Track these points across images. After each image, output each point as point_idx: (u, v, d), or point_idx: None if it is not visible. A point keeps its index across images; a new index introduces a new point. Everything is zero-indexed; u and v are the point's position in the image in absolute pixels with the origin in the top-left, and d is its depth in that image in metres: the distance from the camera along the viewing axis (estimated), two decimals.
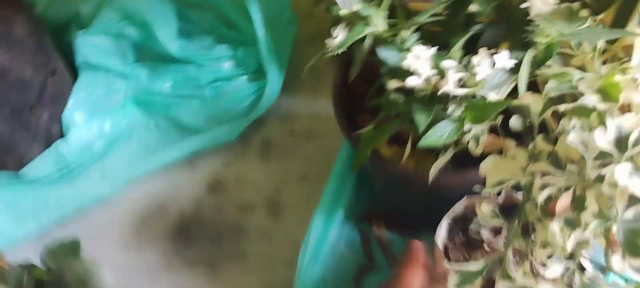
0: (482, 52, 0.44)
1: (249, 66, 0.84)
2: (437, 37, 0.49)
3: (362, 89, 0.61)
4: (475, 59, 0.43)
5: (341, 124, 0.62)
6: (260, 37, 0.80)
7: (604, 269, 0.35)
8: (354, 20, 0.48)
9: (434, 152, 0.54)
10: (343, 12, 0.48)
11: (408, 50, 0.47)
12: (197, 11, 0.87)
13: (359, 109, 0.63)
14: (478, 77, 0.43)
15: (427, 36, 0.50)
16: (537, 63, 0.44)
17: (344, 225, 0.73)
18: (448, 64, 0.44)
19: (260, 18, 0.79)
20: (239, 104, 0.84)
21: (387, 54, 0.48)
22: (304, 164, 0.82)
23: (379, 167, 0.61)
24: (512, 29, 0.46)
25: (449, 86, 0.43)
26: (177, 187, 0.82)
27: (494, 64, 0.44)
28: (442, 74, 0.44)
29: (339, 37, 0.48)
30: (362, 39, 0.49)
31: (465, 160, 0.51)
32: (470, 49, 0.49)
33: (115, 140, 0.84)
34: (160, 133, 0.85)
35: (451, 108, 0.45)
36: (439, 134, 0.45)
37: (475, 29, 0.48)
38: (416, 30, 0.50)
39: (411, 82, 0.44)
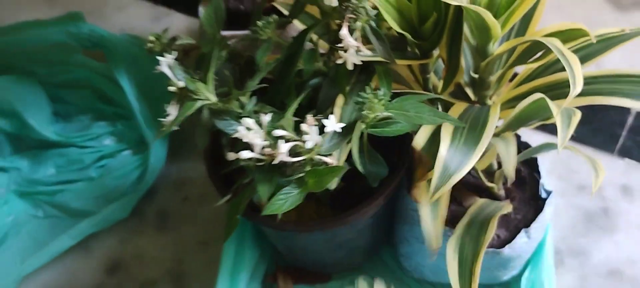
0: (310, 119, 0.44)
1: (130, 139, 0.83)
2: (274, 98, 0.49)
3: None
4: (304, 126, 0.44)
5: (217, 189, 0.62)
6: (136, 108, 0.79)
7: None
8: (184, 95, 0.47)
9: (313, 198, 0.54)
10: (171, 88, 0.47)
11: (248, 116, 0.47)
12: (70, 91, 0.85)
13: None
14: (308, 145, 0.43)
15: (267, 99, 0.50)
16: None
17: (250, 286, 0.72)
18: (277, 133, 0.44)
19: (133, 91, 0.78)
20: (126, 179, 0.82)
21: (223, 124, 0.48)
22: (202, 229, 0.81)
23: (261, 225, 0.60)
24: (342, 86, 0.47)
25: (283, 155, 0.43)
26: (74, 275, 0.79)
27: (323, 129, 0.44)
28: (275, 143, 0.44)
29: (172, 113, 0.47)
30: (200, 111, 0.49)
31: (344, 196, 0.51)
32: (312, 106, 0.49)
33: (2, 239, 0.80)
34: (49, 222, 0.82)
35: (293, 174, 0.45)
36: (282, 201, 0.45)
37: (307, 89, 0.48)
38: (253, 95, 0.50)
39: (244, 155, 0.44)
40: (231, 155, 0.46)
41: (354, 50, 0.45)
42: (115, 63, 0.80)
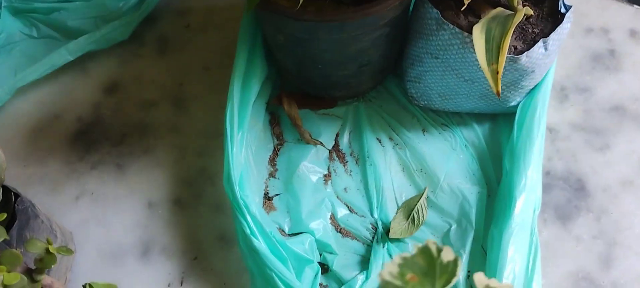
0: None
1: None
2: None
3: None
4: None
5: None
6: None
7: None
8: None
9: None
10: None
11: None
12: None
13: None
14: None
15: None
16: None
17: (258, 109, 0.71)
18: None
19: None
20: (126, 1, 0.79)
21: None
22: (204, 56, 0.79)
23: (281, 15, 0.58)
24: None
25: None
26: (71, 93, 0.77)
27: None
28: None
29: None
30: None
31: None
32: None
33: None
34: (45, 41, 0.79)
35: None
36: None
37: None
38: None
39: None
40: None
41: None
42: None
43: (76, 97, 0.77)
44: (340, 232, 0.66)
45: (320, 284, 0.64)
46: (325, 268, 0.65)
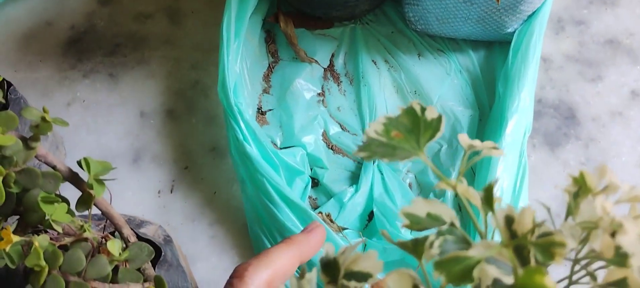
0: None
1: None
2: None
3: None
4: None
5: None
6: None
7: None
8: None
9: None
10: None
11: None
12: None
13: None
14: None
15: None
16: None
17: (254, 25, 0.71)
18: None
19: None
20: None
21: None
22: None
23: None
24: None
25: None
26: (63, 1, 0.76)
27: None
28: None
29: None
30: None
31: None
32: None
33: None
34: None
35: None
36: None
37: None
38: None
39: None
40: None
41: None
42: None
43: (69, 5, 0.75)
44: (331, 148, 0.67)
45: (310, 197, 0.64)
46: (315, 182, 0.65)
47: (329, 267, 0.31)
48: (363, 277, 0.29)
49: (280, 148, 0.66)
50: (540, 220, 0.25)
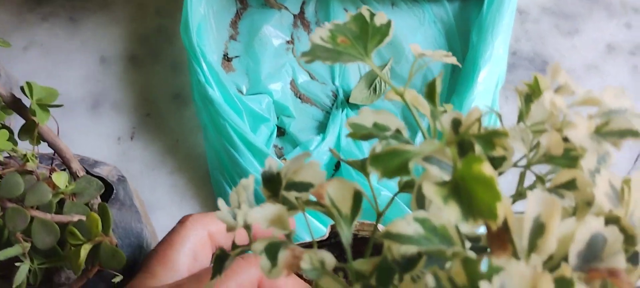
0: None
1: None
2: None
3: None
4: None
5: None
6: None
7: None
8: None
9: None
10: None
11: None
12: None
13: None
14: None
15: None
16: None
17: None
18: None
19: None
20: None
21: None
22: None
23: None
24: None
25: None
26: None
27: None
28: None
29: None
30: None
31: None
32: None
33: None
34: None
35: None
36: None
37: None
38: None
39: None
40: None
41: None
42: None
43: None
44: (299, 97, 0.65)
45: (276, 145, 0.62)
46: (281, 131, 0.63)
47: (271, 181, 0.29)
48: (304, 187, 0.27)
49: (246, 96, 0.64)
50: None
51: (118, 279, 0.40)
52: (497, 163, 0.25)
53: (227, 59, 0.66)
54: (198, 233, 0.43)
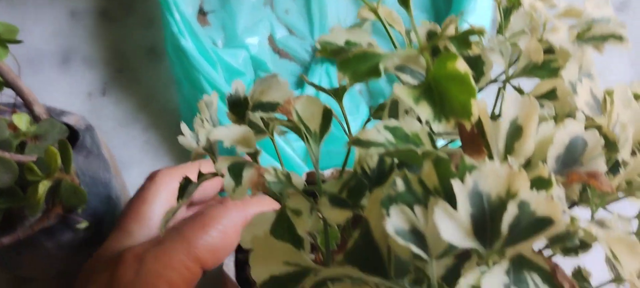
0: None
1: None
2: None
3: None
4: None
5: None
6: None
7: None
8: None
9: None
10: None
11: None
12: None
13: None
14: None
15: None
16: None
17: None
18: None
19: None
20: None
21: None
22: None
23: None
24: None
25: None
26: None
27: None
28: None
29: None
30: None
31: None
32: None
33: None
34: None
35: None
36: None
37: None
38: None
39: None
40: None
41: None
42: None
43: None
44: (277, 52, 0.63)
45: None
46: None
47: (237, 105, 0.27)
48: (272, 107, 0.25)
49: (222, 49, 0.62)
50: None
51: (84, 225, 0.38)
52: (475, 78, 0.24)
53: (202, 12, 0.64)
54: (169, 187, 0.42)
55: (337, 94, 0.28)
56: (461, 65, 0.18)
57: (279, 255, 0.22)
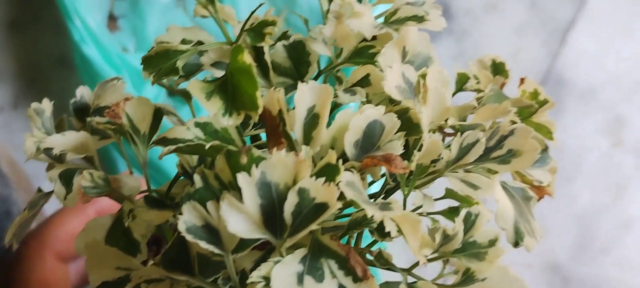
0: None
1: None
2: None
3: None
4: None
5: None
6: None
7: None
8: None
9: None
10: None
11: None
12: None
13: None
14: None
15: None
16: None
17: None
18: None
19: None
20: None
21: None
22: None
23: None
24: None
25: None
26: None
27: None
28: None
29: None
30: None
31: None
32: None
33: None
34: None
35: None
36: None
37: None
38: None
39: None
40: None
41: None
42: None
43: None
44: None
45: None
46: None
47: (82, 111, 0.27)
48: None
49: (134, 55, 0.61)
50: None
51: None
52: (303, 70, 0.24)
53: (112, 18, 0.63)
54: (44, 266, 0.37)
55: (186, 94, 0.27)
56: (247, 58, 0.18)
57: (111, 261, 0.22)
